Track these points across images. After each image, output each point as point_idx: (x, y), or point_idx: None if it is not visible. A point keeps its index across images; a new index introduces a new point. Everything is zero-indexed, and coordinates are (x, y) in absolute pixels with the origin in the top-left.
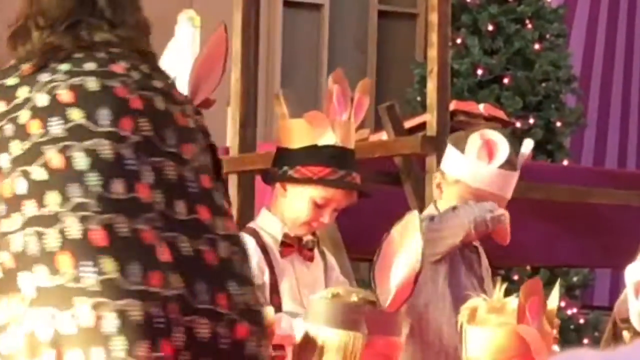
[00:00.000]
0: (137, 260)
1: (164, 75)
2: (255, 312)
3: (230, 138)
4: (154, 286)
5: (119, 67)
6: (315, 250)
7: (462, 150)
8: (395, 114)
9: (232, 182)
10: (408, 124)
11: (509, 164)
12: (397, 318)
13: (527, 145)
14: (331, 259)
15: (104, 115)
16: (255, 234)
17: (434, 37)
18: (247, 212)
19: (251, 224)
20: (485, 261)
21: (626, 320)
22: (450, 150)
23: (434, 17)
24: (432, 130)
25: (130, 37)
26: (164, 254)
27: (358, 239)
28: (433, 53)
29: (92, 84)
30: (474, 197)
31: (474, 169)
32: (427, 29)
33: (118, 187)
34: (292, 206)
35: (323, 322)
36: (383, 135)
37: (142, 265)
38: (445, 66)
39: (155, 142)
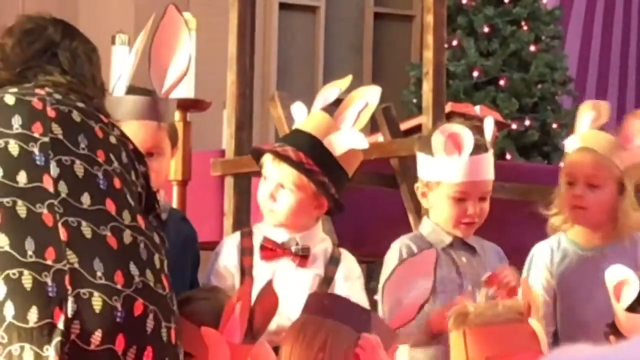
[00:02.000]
0: (33, 237)
1: (97, 113)
2: (159, 295)
3: (226, 140)
4: (47, 259)
5: (42, 90)
6: (320, 259)
7: (429, 151)
8: (391, 116)
9: (228, 184)
10: (404, 125)
11: (479, 148)
12: (394, 334)
13: (488, 123)
14: (344, 271)
15: (17, 120)
16: (246, 235)
17: (429, 39)
18: (243, 214)
19: (254, 225)
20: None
21: (612, 325)
22: (420, 157)
23: (429, 19)
24: (428, 132)
25: (78, 82)
26: (62, 234)
27: (354, 241)
28: (429, 55)
29: (9, 99)
30: (458, 192)
31: (448, 166)
32: (423, 30)
33: (22, 177)
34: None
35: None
36: (379, 137)
37: (38, 241)
38: (441, 68)
39: (66, 144)
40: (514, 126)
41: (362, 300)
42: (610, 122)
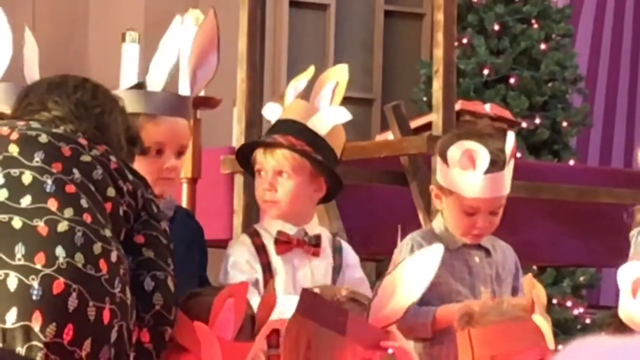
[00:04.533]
0: None
1: (75, 138)
2: (87, 275)
3: (236, 138)
4: None
5: (23, 121)
6: (328, 248)
7: (446, 160)
8: (401, 114)
9: (238, 182)
10: (414, 123)
11: (494, 166)
12: (380, 333)
13: (510, 139)
14: (350, 257)
15: None
16: (253, 234)
17: (439, 37)
18: (253, 211)
19: (255, 225)
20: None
21: (614, 315)
22: (438, 162)
23: (439, 17)
24: (437, 130)
25: (78, 114)
26: None
27: (364, 238)
28: (439, 53)
29: None
30: (470, 206)
31: (462, 181)
32: (433, 28)
33: None
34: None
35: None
36: (389, 135)
37: None
38: (451, 66)
39: (18, 159)
40: (524, 124)
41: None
42: (621, 119)
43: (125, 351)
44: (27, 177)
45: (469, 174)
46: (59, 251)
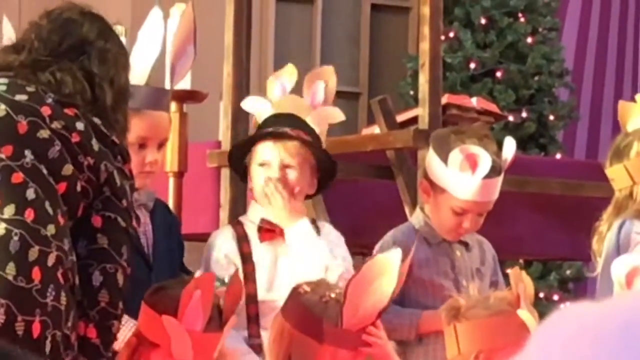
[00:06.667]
0: None
1: (37, 107)
2: (17, 288)
3: (222, 132)
4: None
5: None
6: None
7: (444, 159)
8: (387, 108)
9: (224, 175)
10: (400, 117)
11: (492, 171)
12: (357, 336)
13: (509, 146)
14: (332, 235)
15: None
16: (237, 225)
17: (426, 31)
18: (239, 205)
19: (240, 217)
20: (483, 257)
21: None
22: (433, 157)
23: (426, 10)
24: (424, 124)
25: (75, 78)
26: None
27: (351, 233)
28: (425, 46)
29: None
30: (460, 207)
31: (458, 182)
32: (420, 22)
33: None
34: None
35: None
36: (375, 129)
37: None
38: (437, 59)
39: None
40: (510, 118)
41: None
42: (607, 112)
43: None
44: None
45: (466, 176)
46: None
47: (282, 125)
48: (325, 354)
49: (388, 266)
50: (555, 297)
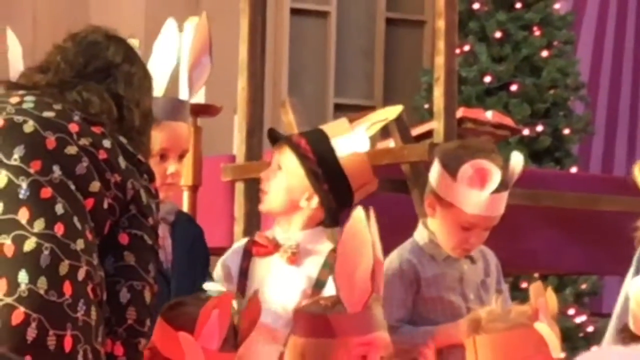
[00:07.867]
0: None
1: (65, 124)
2: (48, 302)
3: (236, 146)
4: None
5: (17, 96)
6: (316, 262)
7: (452, 174)
8: (402, 122)
9: (239, 189)
10: (415, 131)
11: (500, 186)
12: (365, 316)
13: (517, 160)
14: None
15: None
16: (250, 239)
17: (441, 44)
18: (254, 219)
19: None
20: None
21: (625, 329)
22: (441, 173)
23: (441, 24)
24: (439, 137)
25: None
26: None
27: None
28: (440, 60)
29: None
30: (468, 222)
31: (467, 197)
32: (434, 36)
33: None
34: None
35: None
36: (390, 143)
37: None
38: (452, 73)
39: None
40: (526, 132)
41: None
42: (623, 126)
43: None
44: (2, 179)
45: (475, 191)
46: (22, 276)
47: (303, 134)
48: (340, 347)
49: (357, 229)
50: (571, 312)
